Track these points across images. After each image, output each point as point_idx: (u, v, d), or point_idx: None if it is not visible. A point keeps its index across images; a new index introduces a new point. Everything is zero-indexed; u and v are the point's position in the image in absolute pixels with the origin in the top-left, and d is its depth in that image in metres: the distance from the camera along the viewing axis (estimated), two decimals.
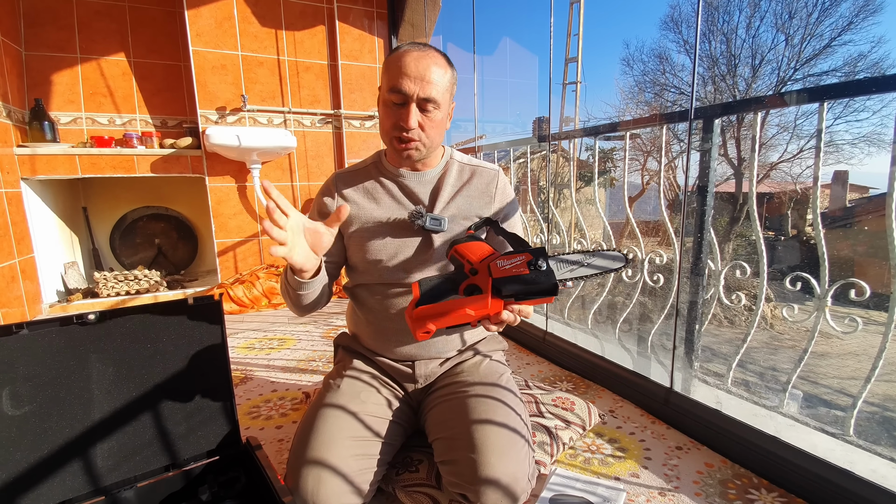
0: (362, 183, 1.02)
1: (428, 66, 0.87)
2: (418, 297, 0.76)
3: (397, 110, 0.90)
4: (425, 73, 0.87)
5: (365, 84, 3.02)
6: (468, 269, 0.78)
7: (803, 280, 1.18)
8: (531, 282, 0.71)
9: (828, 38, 11.83)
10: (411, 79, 0.86)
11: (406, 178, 1.00)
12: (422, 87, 0.87)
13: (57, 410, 0.82)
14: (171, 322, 0.91)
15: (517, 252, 0.75)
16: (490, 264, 0.73)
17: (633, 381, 1.46)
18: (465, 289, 0.77)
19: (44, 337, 0.81)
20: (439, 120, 0.92)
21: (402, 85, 0.87)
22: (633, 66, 18.48)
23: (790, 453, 1.04)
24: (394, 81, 0.87)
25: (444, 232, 0.98)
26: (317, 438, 0.86)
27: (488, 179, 1.04)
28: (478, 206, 1.02)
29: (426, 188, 1.01)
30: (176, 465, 0.92)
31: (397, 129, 0.90)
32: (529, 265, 0.72)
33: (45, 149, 2.43)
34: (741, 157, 12.26)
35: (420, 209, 0.96)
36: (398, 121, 0.89)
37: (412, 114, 0.88)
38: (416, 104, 0.88)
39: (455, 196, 1.01)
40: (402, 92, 0.87)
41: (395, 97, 0.88)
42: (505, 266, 0.73)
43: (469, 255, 0.78)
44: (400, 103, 0.89)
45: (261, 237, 2.92)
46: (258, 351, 1.99)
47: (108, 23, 2.74)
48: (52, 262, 2.64)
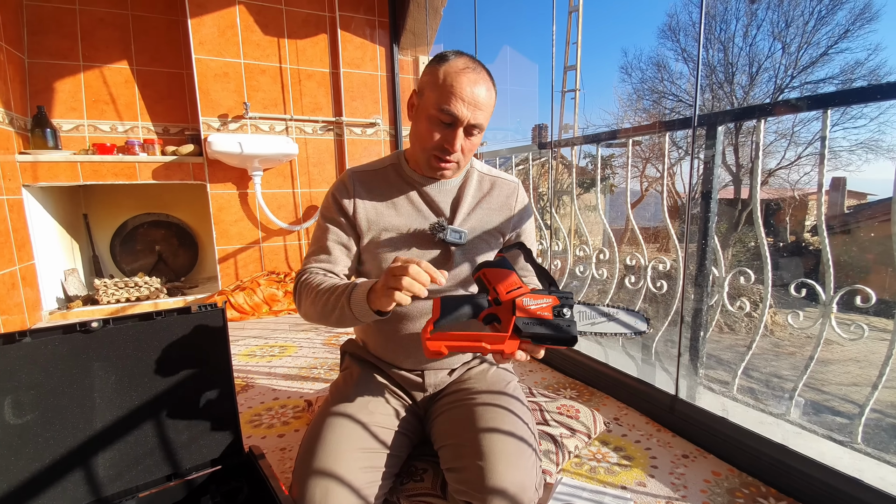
0: (380, 186, 0.99)
1: (482, 92, 0.86)
2: (437, 316, 0.76)
3: (443, 130, 0.88)
4: (478, 100, 0.86)
5: (366, 92, 3.03)
6: (492, 298, 0.77)
7: (808, 287, 1.18)
8: (553, 329, 0.72)
9: (824, 46, 11.93)
10: (466, 104, 0.85)
11: (427, 186, 0.98)
12: (473, 113, 0.86)
13: (59, 419, 0.81)
14: (174, 330, 0.90)
15: (544, 293, 0.75)
16: (516, 301, 0.73)
17: (637, 389, 1.45)
18: (485, 317, 0.77)
19: (46, 345, 0.80)
20: (478, 142, 0.92)
21: (455, 108, 0.85)
22: (631, 73, 18.61)
23: (798, 461, 1.03)
24: (446, 102, 0.85)
25: (463, 245, 0.96)
26: (324, 449, 0.84)
27: (508, 192, 1.03)
28: (497, 219, 1.01)
29: (447, 198, 0.99)
30: (178, 474, 0.91)
31: (440, 150, 0.89)
32: (554, 310, 0.73)
33: (46, 156, 2.43)
34: (739, 163, 12.31)
35: (442, 221, 0.95)
36: (443, 142, 0.88)
37: (458, 138, 0.87)
38: (464, 128, 0.87)
39: (475, 208, 1.00)
40: (453, 115, 0.85)
41: (444, 117, 0.86)
42: (530, 306, 0.73)
43: (497, 284, 0.77)
44: (448, 124, 0.87)
45: (261, 244, 2.91)
46: (259, 358, 1.97)
47: (112, 31, 2.75)
48: (53, 268, 2.63)
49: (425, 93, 0.89)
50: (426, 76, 0.90)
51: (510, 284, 0.77)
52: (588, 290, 1.99)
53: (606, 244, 1.89)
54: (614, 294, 1.85)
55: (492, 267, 0.80)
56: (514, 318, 0.73)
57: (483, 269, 0.80)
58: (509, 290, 0.76)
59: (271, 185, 2.87)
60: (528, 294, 0.74)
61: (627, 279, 1.75)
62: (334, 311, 0.86)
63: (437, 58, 0.90)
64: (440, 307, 0.77)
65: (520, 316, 0.72)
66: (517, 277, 0.79)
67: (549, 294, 0.75)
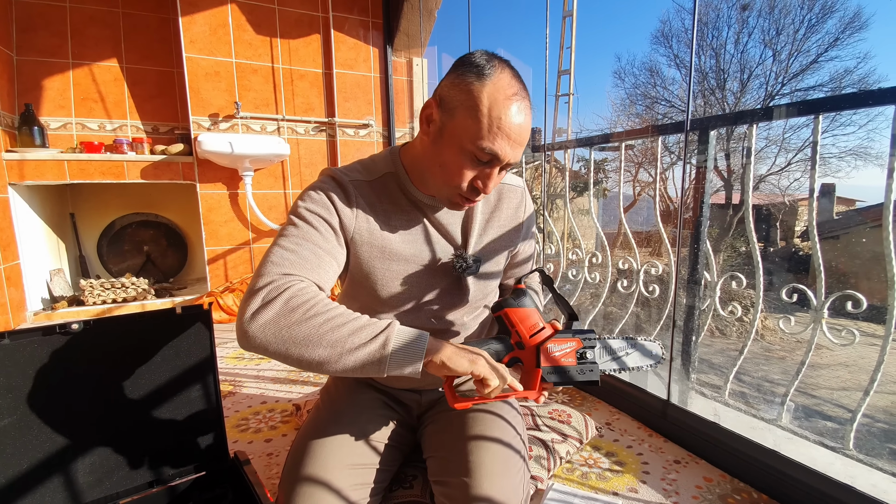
0: (382, 202, 0.85)
1: (528, 124, 0.75)
2: None
3: (478, 168, 0.75)
4: (524, 135, 0.74)
5: (359, 93, 3.02)
6: (515, 341, 0.77)
7: (799, 292, 1.18)
8: (577, 374, 0.73)
9: (814, 54, 12.13)
10: (511, 142, 0.73)
11: (435, 208, 0.87)
12: (516, 152, 0.75)
13: (37, 423, 0.79)
14: (157, 332, 0.88)
15: (568, 335, 0.75)
16: (541, 347, 0.74)
17: (629, 394, 1.45)
18: (508, 360, 0.77)
19: (25, 347, 0.78)
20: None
21: (500, 149, 0.72)
22: (624, 78, 18.79)
23: (790, 467, 1.02)
24: (491, 140, 0.71)
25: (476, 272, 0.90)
26: (313, 464, 0.80)
27: (516, 203, 0.96)
28: (508, 235, 0.95)
29: (456, 219, 0.90)
30: (160, 480, 0.89)
31: (471, 190, 0.77)
32: (578, 353, 0.74)
33: (33, 154, 2.39)
34: (731, 168, 12.44)
35: (463, 254, 0.87)
36: (476, 181, 0.76)
37: (494, 177, 0.77)
38: (501, 167, 0.77)
39: (486, 228, 0.92)
40: (496, 156, 0.73)
41: (483, 156, 0.73)
42: (555, 353, 0.74)
43: (519, 327, 0.77)
44: (485, 162, 0.75)
45: (252, 245, 2.88)
46: (247, 361, 1.95)
47: (102, 29, 2.72)
48: (38, 269, 2.58)
49: (457, 115, 0.73)
50: (460, 93, 0.72)
51: (533, 326, 0.76)
52: (581, 294, 1.98)
53: (599, 248, 1.89)
54: (606, 298, 1.85)
55: (513, 306, 0.78)
56: (539, 371, 0.73)
57: (505, 309, 0.78)
58: (532, 332, 0.76)
59: (262, 185, 2.85)
60: (552, 339, 0.74)
61: (620, 283, 1.75)
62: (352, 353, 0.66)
63: (474, 68, 0.72)
64: None
65: (545, 366, 0.73)
66: (538, 315, 0.78)
67: (573, 336, 0.75)
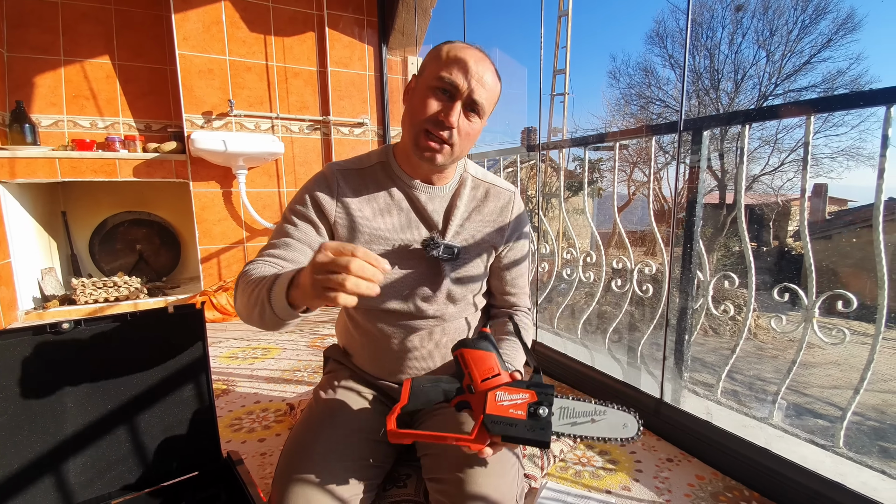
0: (368, 188, 0.89)
1: (486, 70, 0.80)
2: (405, 402, 0.73)
3: (440, 101, 0.79)
4: (483, 76, 0.79)
5: (354, 91, 3.01)
6: (466, 384, 0.73)
7: (791, 291, 1.19)
8: (524, 430, 0.67)
9: (808, 55, 12.22)
10: (468, 74, 0.78)
11: (419, 191, 0.90)
12: (475, 86, 0.78)
13: (28, 424, 0.78)
14: (149, 331, 0.88)
15: (522, 385, 0.70)
16: (489, 394, 0.69)
17: (623, 392, 1.45)
18: (457, 403, 0.74)
19: (15, 346, 0.77)
20: (476, 131, 0.84)
21: (456, 76, 0.77)
22: (619, 78, 18.83)
23: (781, 465, 1.03)
24: (447, 70, 0.78)
25: (454, 261, 0.90)
26: (306, 461, 0.81)
27: (504, 203, 0.97)
28: (491, 232, 0.95)
29: (439, 206, 0.92)
30: (153, 481, 0.89)
31: (434, 122, 0.79)
32: (530, 407, 0.67)
33: (24, 152, 2.36)
34: (724, 169, 12.51)
35: (435, 237, 0.88)
36: (439, 113, 0.79)
37: (456, 110, 0.78)
38: (463, 103, 0.79)
39: (468, 219, 0.93)
40: (453, 83, 0.77)
41: (443, 85, 0.78)
42: (503, 402, 0.68)
43: (473, 369, 0.72)
44: (446, 95, 0.79)
45: (246, 244, 2.87)
46: (241, 361, 1.94)
47: (94, 25, 2.69)
48: (29, 267, 2.55)
49: (425, 70, 0.82)
50: (428, 56, 0.83)
51: (487, 371, 0.71)
52: (575, 293, 1.99)
53: (594, 247, 1.90)
54: (601, 297, 1.86)
55: (470, 347, 0.74)
56: (481, 418, 0.68)
57: (461, 349, 0.74)
58: (485, 377, 0.71)
59: (256, 184, 2.83)
60: (503, 387, 0.69)
61: (614, 282, 1.75)
62: (256, 306, 0.71)
63: (441, 43, 0.84)
64: (409, 392, 0.73)
65: (490, 413, 0.68)
66: (496, 361, 0.73)
67: (527, 388, 0.69)
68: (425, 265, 0.91)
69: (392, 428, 0.71)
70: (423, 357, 0.95)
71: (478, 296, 1.00)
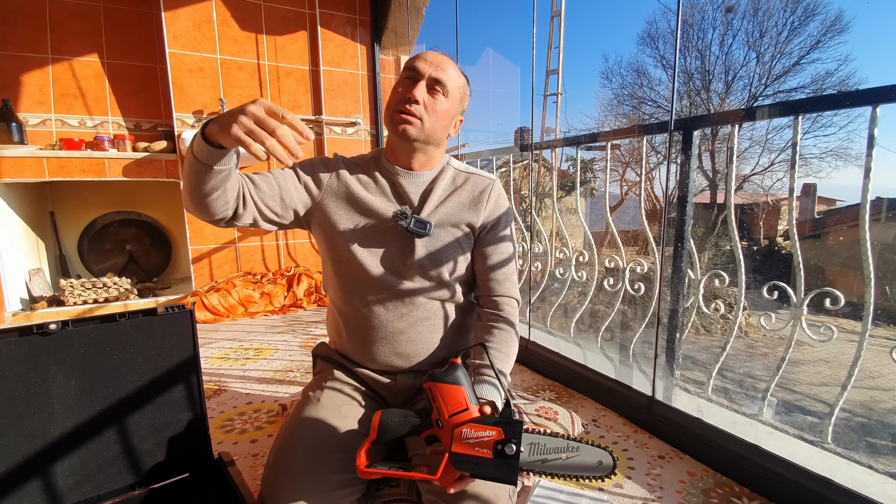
0: (359, 172, 1.00)
1: (445, 60, 0.93)
2: (375, 436, 0.73)
3: (406, 85, 0.92)
4: (441, 62, 0.92)
5: (347, 90, 3.00)
6: (435, 418, 0.72)
7: (780, 289, 1.20)
8: (490, 469, 0.66)
9: (797, 56, 12.34)
10: (427, 62, 0.91)
11: (401, 176, 0.98)
12: (435, 69, 0.90)
13: (15, 426, 0.77)
14: (139, 332, 0.87)
15: (490, 421, 0.68)
16: (455, 431, 0.68)
17: (615, 390, 1.46)
18: (426, 437, 0.73)
19: (2, 348, 0.76)
20: (444, 110, 0.93)
21: (417, 63, 0.91)
22: (611, 79, 18.87)
23: (770, 461, 1.04)
24: (410, 63, 0.92)
25: (428, 237, 0.94)
26: (295, 456, 0.82)
27: (482, 187, 1.01)
28: (466, 213, 0.98)
29: (417, 189, 0.98)
30: (142, 483, 0.88)
31: (401, 101, 0.91)
32: (496, 445, 0.66)
33: (11, 151, 2.33)
34: (716, 168, 12.62)
35: (405, 209, 0.93)
36: (404, 93, 0.91)
37: (420, 88, 0.90)
38: (426, 83, 0.91)
39: (444, 201, 0.98)
40: (415, 68, 0.91)
41: (407, 73, 0.92)
42: (469, 440, 0.67)
43: (441, 403, 0.71)
44: (410, 80, 0.91)
45: (237, 244, 2.85)
46: (233, 361, 1.93)
47: (82, 23, 2.66)
48: (17, 268, 2.52)
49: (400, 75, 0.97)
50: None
51: (455, 405, 0.70)
52: (568, 292, 2.00)
53: (586, 247, 1.91)
54: (594, 296, 1.86)
55: (439, 380, 0.73)
56: (447, 456, 0.68)
57: (430, 382, 0.74)
58: (453, 412, 0.70)
59: None
60: (469, 424, 0.68)
61: (606, 281, 1.76)
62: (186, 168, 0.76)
63: None
64: (378, 427, 0.73)
65: (455, 451, 0.67)
66: (465, 395, 0.71)
67: (494, 425, 0.67)
68: (400, 240, 0.96)
69: (360, 464, 0.71)
70: (404, 340, 0.97)
71: (456, 281, 1.00)
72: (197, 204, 0.79)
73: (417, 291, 0.96)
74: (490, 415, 0.72)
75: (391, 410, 0.76)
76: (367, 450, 0.74)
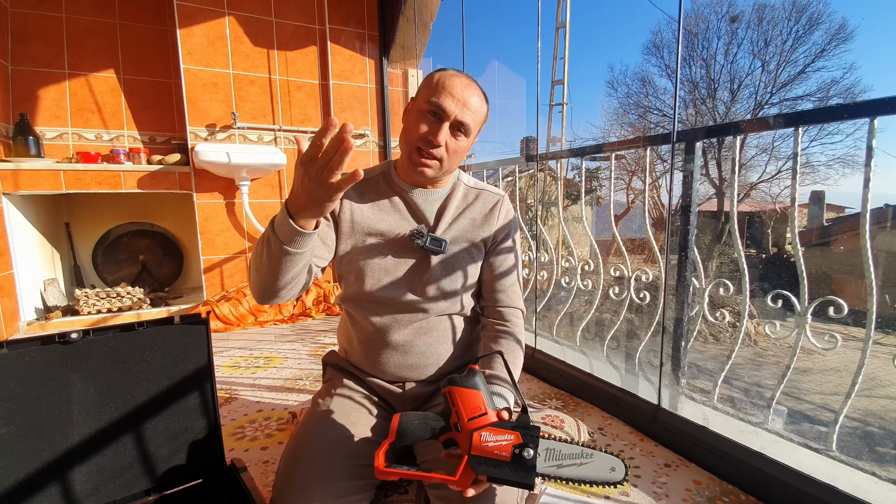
0: (369, 193, 1.00)
1: (471, 95, 0.90)
2: (393, 438, 0.74)
3: (430, 122, 0.90)
4: (468, 100, 0.89)
5: (356, 103, 3.06)
6: (454, 422, 0.74)
7: (784, 297, 1.21)
8: (508, 471, 0.67)
9: (802, 65, 12.34)
10: (454, 99, 0.88)
11: (414, 195, 0.99)
12: (461, 110, 0.88)
13: (35, 432, 0.79)
14: (155, 341, 0.89)
15: (508, 426, 0.70)
16: (474, 434, 0.69)
17: (621, 399, 1.47)
18: (444, 440, 0.75)
19: (24, 356, 0.79)
20: (463, 147, 0.93)
21: (443, 101, 0.88)
22: (617, 88, 18.97)
23: (776, 469, 1.05)
24: (436, 96, 0.88)
25: (443, 253, 0.97)
26: (305, 462, 0.83)
27: (492, 203, 1.04)
28: (479, 230, 1.01)
29: (432, 207, 1.01)
30: (157, 488, 0.90)
31: (424, 141, 0.90)
32: (514, 449, 0.67)
33: (28, 164, 2.40)
34: (722, 176, 12.58)
35: (421, 228, 0.96)
36: (428, 133, 0.89)
37: (443, 131, 0.89)
38: (450, 124, 0.89)
39: (458, 218, 1.01)
40: (441, 107, 0.88)
41: (432, 109, 0.89)
42: (488, 443, 0.68)
43: (460, 407, 0.73)
44: (435, 118, 0.89)
45: (248, 254, 2.89)
46: (244, 370, 1.95)
47: (98, 39, 2.74)
48: (32, 278, 2.58)
49: (419, 95, 0.93)
50: (422, 83, 0.94)
51: (474, 410, 0.72)
52: (574, 301, 2.01)
53: (592, 256, 1.92)
54: (599, 304, 1.88)
55: (459, 385, 0.74)
56: (465, 458, 0.69)
57: (449, 387, 0.75)
58: (472, 416, 0.71)
59: (259, 195, 2.86)
60: (488, 428, 0.69)
61: (612, 290, 1.77)
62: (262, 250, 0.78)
63: (434, 71, 0.95)
64: (397, 429, 0.74)
65: (474, 455, 0.69)
66: (483, 400, 0.73)
67: (512, 429, 0.69)
68: (416, 257, 0.98)
69: (379, 465, 0.73)
70: (414, 352, 0.99)
71: (467, 295, 1.02)
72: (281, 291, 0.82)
73: (431, 305, 0.99)
74: (508, 420, 0.73)
75: (410, 413, 0.78)
76: (385, 451, 0.75)
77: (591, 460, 0.74)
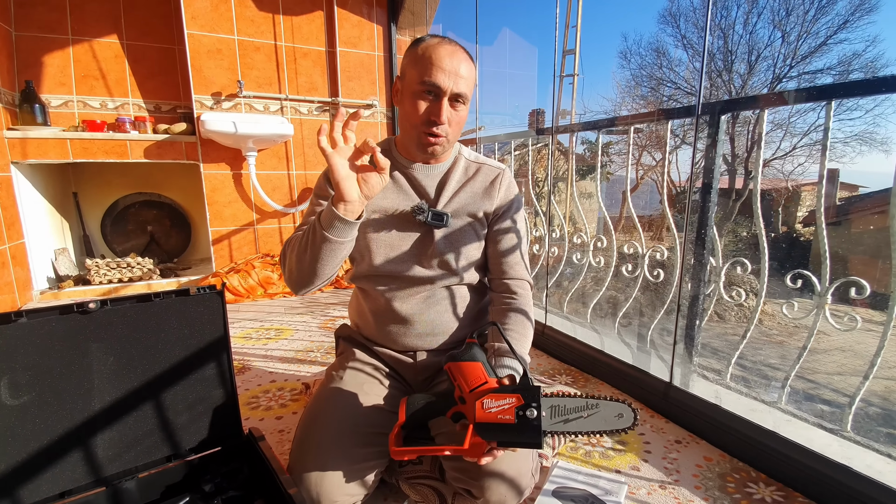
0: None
1: (461, 62, 0.87)
2: (403, 420, 0.75)
3: (429, 104, 0.88)
4: (459, 69, 0.87)
5: (363, 72, 2.98)
6: (458, 395, 0.75)
7: (804, 277, 1.19)
8: (514, 433, 0.68)
9: (823, 37, 11.91)
10: (446, 73, 0.86)
11: (415, 170, 1.00)
12: (455, 82, 0.87)
13: (56, 400, 0.80)
14: (172, 311, 0.90)
15: (508, 390, 0.71)
16: (476, 403, 0.71)
17: (632, 376, 1.47)
18: (452, 415, 0.76)
19: (43, 325, 0.79)
20: (463, 118, 0.93)
21: (437, 79, 0.86)
22: (630, 59, 18.39)
23: (788, 448, 1.05)
24: (428, 74, 0.86)
25: (445, 227, 0.98)
26: (320, 430, 0.86)
27: (493, 176, 1.04)
28: (480, 202, 1.02)
29: (433, 181, 1.01)
30: (177, 455, 0.92)
31: (429, 124, 0.89)
32: (517, 411, 0.68)
33: (35, 132, 2.37)
34: (735, 153, 12.34)
35: (422, 204, 0.97)
36: (430, 115, 0.88)
37: (444, 109, 0.88)
38: (448, 99, 0.88)
39: (459, 191, 1.01)
40: (436, 85, 0.86)
41: (426, 87, 0.87)
42: (491, 409, 0.70)
43: (461, 381, 0.74)
44: (431, 96, 0.88)
45: (256, 226, 2.88)
46: (255, 341, 1.97)
47: (101, 4, 2.67)
48: (43, 248, 2.59)
49: (406, 74, 0.90)
50: (405, 59, 0.92)
51: (475, 380, 0.74)
52: (584, 278, 2.00)
53: (602, 231, 1.89)
54: (611, 282, 1.86)
55: (457, 360, 0.76)
56: (471, 427, 0.71)
57: (449, 363, 0.77)
58: (473, 386, 0.73)
59: (266, 166, 2.83)
60: (490, 395, 0.71)
61: (624, 267, 1.76)
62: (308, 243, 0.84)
63: (413, 42, 0.93)
64: (406, 411, 0.76)
65: (479, 422, 0.70)
66: (482, 370, 0.75)
67: (512, 392, 0.70)
68: (420, 231, 0.99)
69: (392, 446, 0.75)
70: (423, 323, 1.01)
71: (473, 266, 1.04)
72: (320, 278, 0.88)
73: (436, 277, 1.00)
74: (507, 385, 0.75)
75: (416, 395, 0.79)
76: (397, 434, 0.77)
77: (596, 410, 0.75)
